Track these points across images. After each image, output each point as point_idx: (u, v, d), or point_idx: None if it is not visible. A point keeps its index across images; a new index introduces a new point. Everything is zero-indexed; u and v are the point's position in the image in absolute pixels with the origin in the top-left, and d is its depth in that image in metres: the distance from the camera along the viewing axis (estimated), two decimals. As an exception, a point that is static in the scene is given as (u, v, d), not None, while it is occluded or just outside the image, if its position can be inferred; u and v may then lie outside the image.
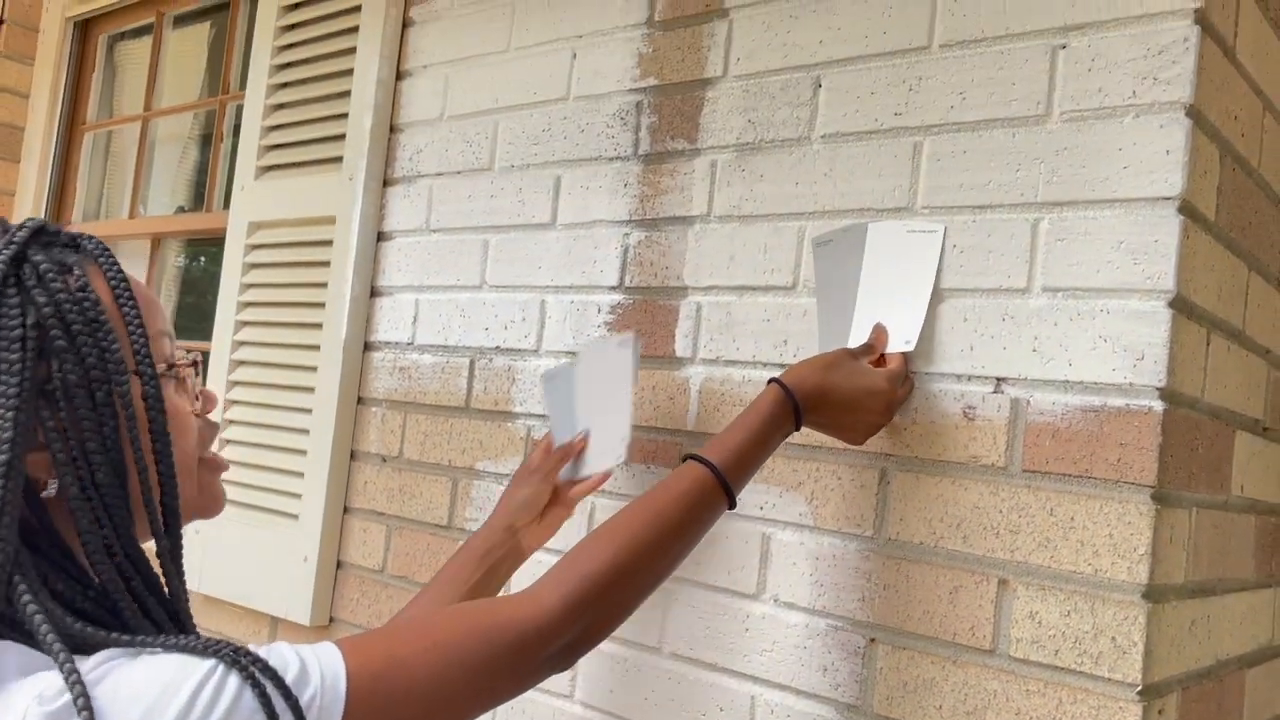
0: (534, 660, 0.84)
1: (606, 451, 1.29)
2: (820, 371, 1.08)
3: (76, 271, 0.75)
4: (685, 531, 0.98)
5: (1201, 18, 1.04)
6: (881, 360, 1.16)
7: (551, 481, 1.30)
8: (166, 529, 0.77)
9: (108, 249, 0.79)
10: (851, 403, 1.10)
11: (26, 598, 0.66)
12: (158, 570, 0.76)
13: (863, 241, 1.20)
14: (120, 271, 0.78)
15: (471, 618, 0.83)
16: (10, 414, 0.68)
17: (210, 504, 0.87)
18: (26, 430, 0.69)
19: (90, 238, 0.79)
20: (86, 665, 0.64)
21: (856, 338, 1.19)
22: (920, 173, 1.20)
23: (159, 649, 0.67)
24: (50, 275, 0.73)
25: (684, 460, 1.01)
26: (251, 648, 0.68)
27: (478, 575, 1.23)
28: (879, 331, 1.17)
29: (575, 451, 1.31)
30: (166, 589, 0.76)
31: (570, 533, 1.38)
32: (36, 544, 0.70)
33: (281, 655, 0.69)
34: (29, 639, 0.67)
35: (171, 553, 0.77)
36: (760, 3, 1.35)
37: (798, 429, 1.08)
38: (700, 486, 0.98)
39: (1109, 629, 1.02)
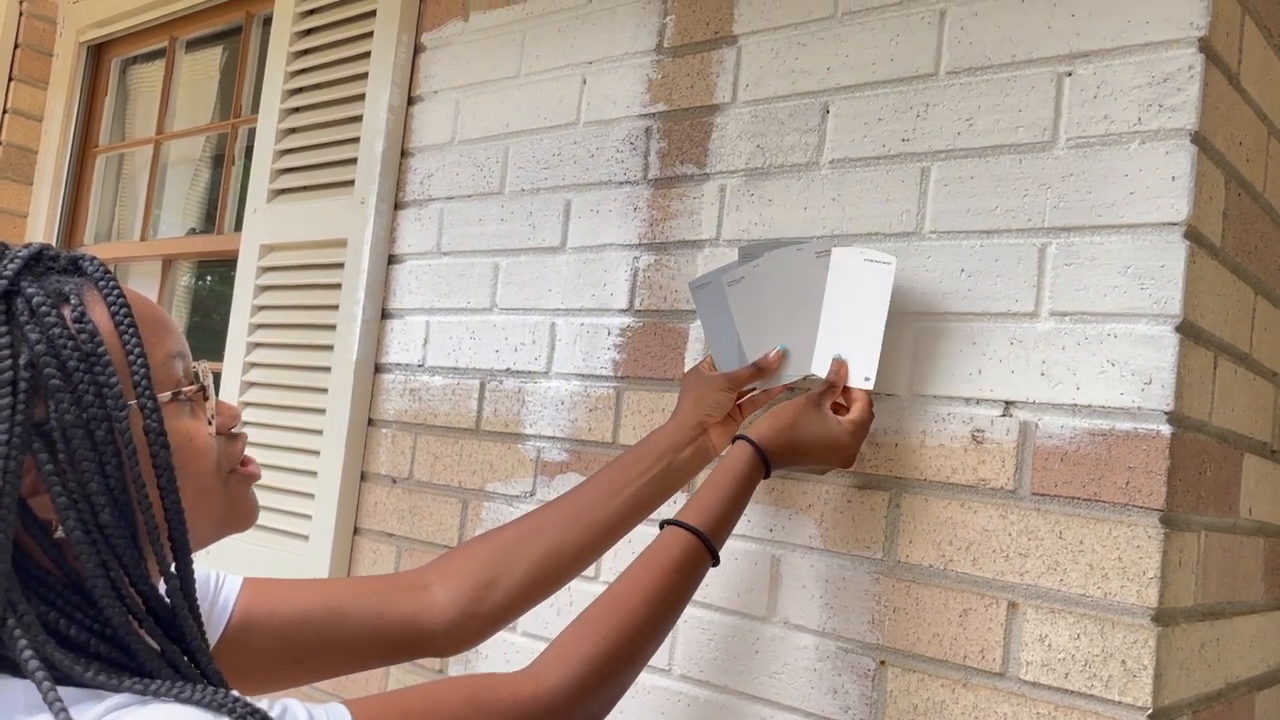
0: None
1: (791, 365, 1.21)
2: (788, 431, 1.10)
3: (73, 300, 0.71)
4: (678, 601, 0.99)
5: (1206, 45, 1.05)
6: (846, 393, 1.16)
7: (737, 390, 1.23)
8: (176, 564, 0.74)
9: (109, 271, 0.75)
10: (815, 455, 1.12)
11: (22, 643, 0.64)
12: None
13: (827, 262, 1.18)
14: (120, 295, 0.74)
15: (479, 693, 0.82)
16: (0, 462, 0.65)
17: (241, 518, 0.85)
18: (18, 477, 0.66)
19: (92, 259, 0.76)
20: (98, 710, 0.64)
21: (819, 362, 1.17)
22: (928, 197, 1.21)
23: (171, 699, 0.66)
24: (44, 309, 0.69)
25: (663, 526, 1.01)
26: (264, 704, 0.68)
27: (658, 468, 1.17)
28: (840, 366, 1.15)
29: (774, 368, 1.20)
30: (181, 626, 0.74)
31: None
32: (50, 585, 0.68)
33: (294, 715, 0.69)
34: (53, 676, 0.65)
35: (183, 589, 0.75)
36: (768, 30, 1.37)
37: (767, 477, 1.10)
38: (690, 555, 0.99)
39: (1119, 652, 1.02)
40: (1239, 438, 1.20)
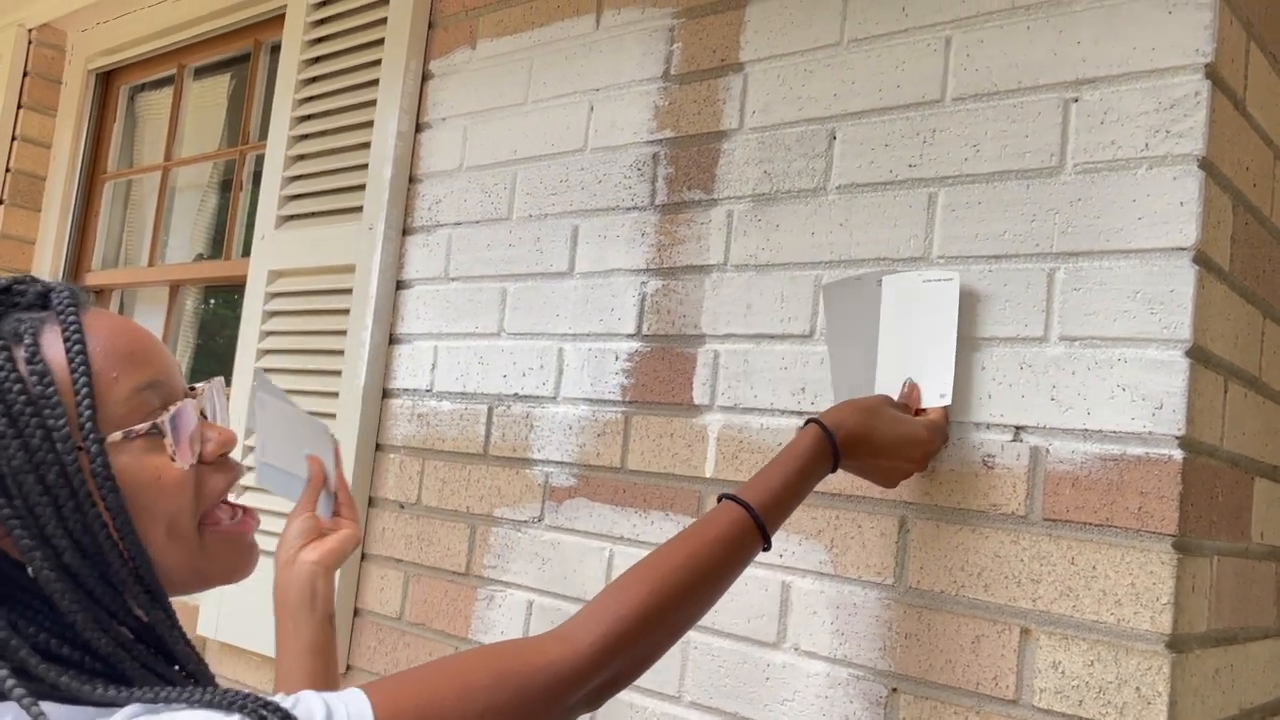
0: (564, 703, 0.83)
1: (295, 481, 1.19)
2: (863, 415, 1.08)
3: (28, 340, 0.70)
4: (719, 573, 0.96)
5: (1212, 72, 1.06)
6: (918, 414, 1.16)
7: (309, 510, 1.14)
8: (154, 602, 0.72)
9: (76, 303, 0.73)
10: (890, 449, 1.09)
11: (2, 673, 0.63)
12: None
13: (877, 293, 1.21)
14: (77, 331, 0.72)
15: (502, 661, 0.81)
16: None
17: (225, 574, 0.81)
18: None
19: (63, 290, 0.74)
20: None
21: (883, 391, 1.19)
22: (935, 223, 1.21)
23: (182, 704, 0.66)
24: None
25: (720, 500, 1.01)
26: (278, 699, 0.67)
27: (289, 625, 1.08)
28: (911, 388, 1.17)
29: (316, 475, 1.16)
30: (173, 651, 0.73)
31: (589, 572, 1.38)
32: (40, 609, 0.68)
33: (308, 706, 0.68)
34: (58, 697, 0.65)
35: (167, 623, 0.73)
36: (775, 57, 1.38)
37: (834, 470, 1.07)
38: (736, 527, 0.97)
39: (1133, 679, 1.02)
40: (1250, 462, 1.19)
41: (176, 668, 0.73)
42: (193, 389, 0.81)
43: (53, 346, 0.71)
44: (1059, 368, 1.10)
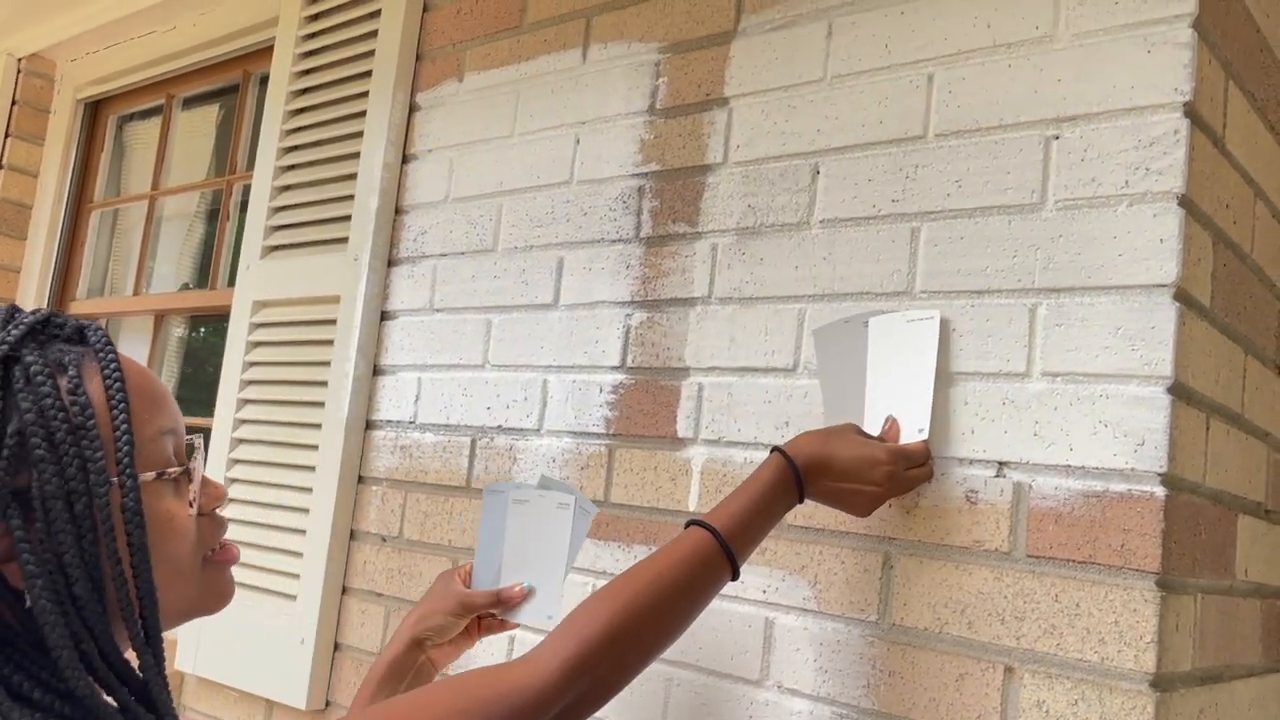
0: None
1: (536, 609, 1.22)
2: (823, 440, 1.09)
3: (71, 371, 0.72)
4: (685, 594, 0.98)
5: (1191, 110, 1.06)
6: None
7: (470, 614, 1.23)
8: (147, 640, 0.74)
9: (110, 342, 0.76)
10: (850, 472, 1.08)
11: None
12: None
13: (864, 333, 1.21)
14: (117, 369, 0.75)
15: (469, 689, 0.83)
16: None
17: (213, 602, 0.84)
18: None
19: (96, 328, 0.77)
20: None
21: (869, 429, 1.19)
22: (918, 258, 1.21)
23: None
24: (40, 378, 0.71)
25: (687, 526, 1.02)
26: None
27: (389, 685, 1.18)
28: (891, 424, 1.17)
29: (513, 602, 1.22)
30: (154, 698, 0.73)
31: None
32: (18, 647, 0.68)
33: None
34: None
35: (155, 665, 0.74)
36: (759, 92, 1.39)
37: (801, 500, 1.07)
38: (701, 549, 0.99)
39: (1117, 718, 1.01)
40: (1233, 498, 1.19)
41: (153, 716, 0.73)
42: (189, 441, 0.84)
43: (92, 381, 0.74)
44: (1041, 403, 1.10)
